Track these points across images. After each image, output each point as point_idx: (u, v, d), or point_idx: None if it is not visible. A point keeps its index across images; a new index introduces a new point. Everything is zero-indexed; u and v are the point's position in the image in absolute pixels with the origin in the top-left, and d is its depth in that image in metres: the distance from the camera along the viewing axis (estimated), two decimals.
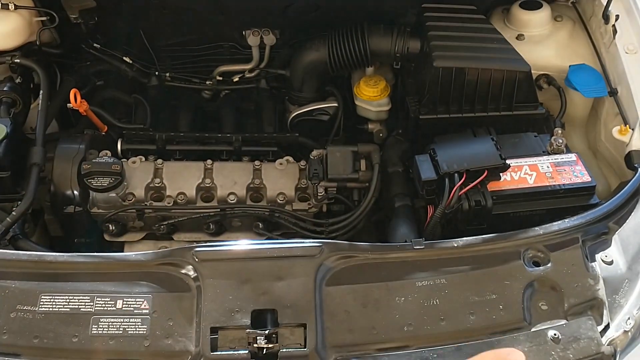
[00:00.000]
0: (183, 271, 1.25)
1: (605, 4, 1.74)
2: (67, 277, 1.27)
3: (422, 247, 1.30)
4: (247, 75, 2.08)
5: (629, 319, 1.21)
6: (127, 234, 1.71)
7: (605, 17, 1.74)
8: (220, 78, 2.09)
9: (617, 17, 1.72)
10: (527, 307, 1.23)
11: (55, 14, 1.77)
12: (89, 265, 1.28)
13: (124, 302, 1.23)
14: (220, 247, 1.31)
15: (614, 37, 1.71)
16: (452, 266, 1.29)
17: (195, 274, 1.24)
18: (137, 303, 1.23)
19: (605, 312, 1.23)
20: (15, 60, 1.74)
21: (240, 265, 1.26)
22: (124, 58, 1.99)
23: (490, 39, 1.71)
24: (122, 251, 1.69)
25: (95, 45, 1.97)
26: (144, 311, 1.22)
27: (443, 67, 1.63)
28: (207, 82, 2.07)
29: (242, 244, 1.33)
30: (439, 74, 1.64)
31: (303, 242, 1.32)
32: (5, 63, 1.75)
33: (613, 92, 1.67)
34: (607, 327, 1.22)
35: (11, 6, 1.71)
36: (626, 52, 1.68)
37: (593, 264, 1.29)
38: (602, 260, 1.30)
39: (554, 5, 1.91)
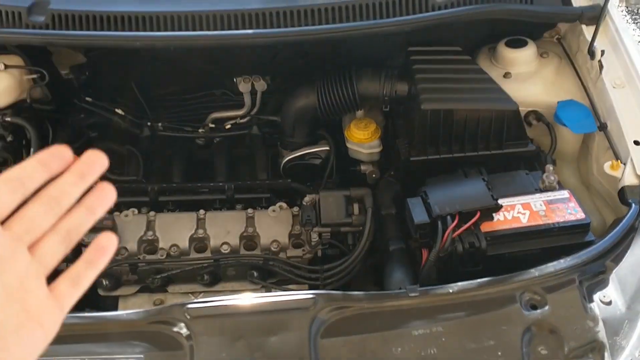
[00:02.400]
0: (175, 329, 1.23)
1: (590, 39, 1.75)
2: (57, 339, 1.24)
3: (416, 294, 1.28)
4: (239, 122, 2.09)
5: None
6: (122, 288, 1.70)
7: (591, 53, 1.76)
8: (213, 125, 2.10)
9: (603, 52, 1.73)
10: (527, 353, 1.21)
11: (45, 72, 1.78)
12: (79, 327, 1.26)
13: None
14: (212, 302, 1.29)
15: (601, 72, 1.72)
16: (448, 313, 1.27)
17: (188, 332, 1.22)
18: None
19: (606, 354, 1.21)
20: (6, 119, 1.75)
21: (233, 321, 1.24)
22: (116, 110, 2.00)
23: (477, 79, 1.72)
24: (117, 305, 1.67)
25: (87, 99, 1.98)
26: None
27: (431, 109, 1.64)
28: (200, 130, 2.08)
29: (235, 299, 1.31)
30: (427, 116, 1.65)
31: (296, 295, 1.30)
32: None
33: (602, 127, 1.67)
34: None
35: (1, 66, 1.73)
36: (614, 87, 1.69)
37: (591, 304, 1.27)
38: (601, 301, 1.28)
39: (539, 42, 1.93)
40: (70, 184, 0.56)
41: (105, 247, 0.58)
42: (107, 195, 0.59)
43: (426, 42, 1.79)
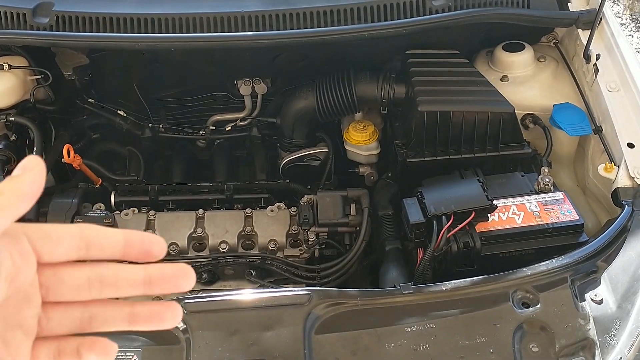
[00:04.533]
0: None
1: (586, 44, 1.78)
2: None
3: (410, 291, 1.30)
4: (240, 124, 2.12)
5: (621, 358, 1.20)
6: None
7: (587, 57, 1.77)
8: (214, 127, 2.12)
9: (598, 56, 1.76)
10: (518, 350, 1.22)
11: (49, 73, 1.81)
12: None
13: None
14: (208, 298, 1.31)
15: (596, 76, 1.74)
16: (441, 310, 1.29)
17: (185, 326, 1.24)
18: (127, 357, 1.23)
19: (597, 352, 1.22)
20: (10, 119, 1.78)
21: (229, 315, 1.26)
22: (118, 111, 2.03)
23: (474, 82, 1.74)
24: None
25: (89, 100, 2.01)
26: None
27: (427, 111, 1.66)
28: (201, 132, 2.11)
29: (231, 294, 1.33)
30: (423, 118, 1.67)
31: (291, 291, 1.32)
32: (0, 122, 1.79)
33: (598, 130, 1.69)
34: None
35: (5, 66, 1.76)
36: (609, 90, 1.71)
37: (583, 303, 1.28)
38: (592, 300, 1.29)
39: (536, 46, 1.95)
40: (132, 281, 0.49)
41: (103, 352, 0.50)
42: (163, 321, 0.50)
43: (424, 45, 1.82)
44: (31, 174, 0.46)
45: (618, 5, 4.65)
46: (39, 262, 0.47)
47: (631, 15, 4.63)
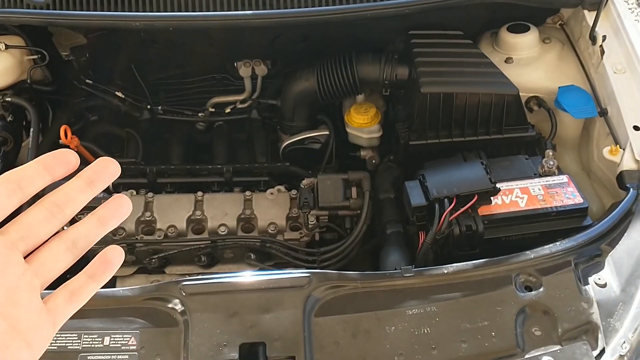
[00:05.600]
0: (170, 305, 1.24)
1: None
2: None
3: (411, 274, 1.28)
4: (239, 106, 2.09)
5: (624, 342, 1.19)
6: (119, 269, 1.70)
7: (593, 38, 1.74)
8: (213, 109, 2.10)
9: (604, 37, 1.72)
10: (520, 333, 1.20)
11: (46, 53, 1.79)
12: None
13: (112, 339, 1.22)
14: (207, 280, 1.30)
15: (602, 58, 1.70)
16: (443, 293, 1.27)
17: (183, 308, 1.23)
18: (125, 339, 1.21)
19: (600, 336, 1.20)
20: (7, 99, 1.76)
21: (228, 298, 1.25)
22: (117, 93, 2.01)
23: (478, 64, 1.71)
24: (114, 285, 1.68)
25: (87, 81, 1.99)
26: (132, 347, 1.20)
27: (430, 92, 1.64)
28: (200, 114, 2.08)
29: (230, 276, 1.31)
30: (426, 100, 1.64)
31: (291, 273, 1.30)
32: None
33: (603, 113, 1.66)
34: (602, 351, 1.19)
35: (2, 46, 1.73)
36: (614, 72, 1.67)
37: (586, 287, 1.27)
38: (596, 283, 1.27)
39: (542, 27, 1.92)
40: (76, 190, 0.52)
41: (111, 261, 0.54)
42: (122, 207, 0.55)
43: (427, 25, 1.78)
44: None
45: None
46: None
47: (637, 0, 4.57)
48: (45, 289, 0.51)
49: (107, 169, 0.53)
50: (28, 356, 0.48)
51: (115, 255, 0.54)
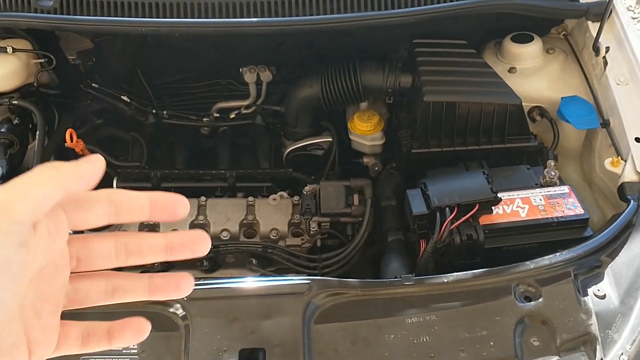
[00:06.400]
0: (171, 310, 1.25)
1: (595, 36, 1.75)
2: None
3: (411, 283, 1.29)
4: (244, 112, 2.11)
5: (622, 354, 1.19)
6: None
7: (596, 49, 1.75)
8: (218, 115, 2.11)
9: (608, 48, 1.73)
10: (519, 343, 1.21)
11: (52, 56, 1.80)
12: None
13: None
14: (208, 285, 1.31)
15: (605, 69, 1.71)
16: (442, 302, 1.28)
17: (184, 313, 1.24)
18: None
19: (598, 347, 1.21)
20: (13, 102, 1.77)
21: (229, 303, 1.26)
22: (122, 97, 2.02)
23: (481, 73, 1.72)
24: None
25: (93, 85, 2.00)
26: (133, 351, 1.21)
27: (433, 101, 1.64)
28: (205, 119, 2.10)
29: (231, 282, 1.32)
30: (429, 109, 1.65)
31: (291, 280, 1.31)
32: (4, 105, 1.78)
33: (605, 124, 1.67)
34: None
35: (9, 49, 1.75)
36: (617, 84, 1.68)
37: (585, 298, 1.27)
38: (595, 295, 1.28)
39: (546, 37, 1.93)
40: (153, 248, 0.51)
41: (134, 333, 0.53)
42: (179, 290, 0.53)
43: (431, 34, 1.79)
44: (92, 163, 0.48)
45: None
46: (74, 230, 0.48)
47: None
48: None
49: (196, 245, 0.53)
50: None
51: (141, 329, 0.53)
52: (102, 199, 0.49)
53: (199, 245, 0.53)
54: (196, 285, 1.28)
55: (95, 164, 0.48)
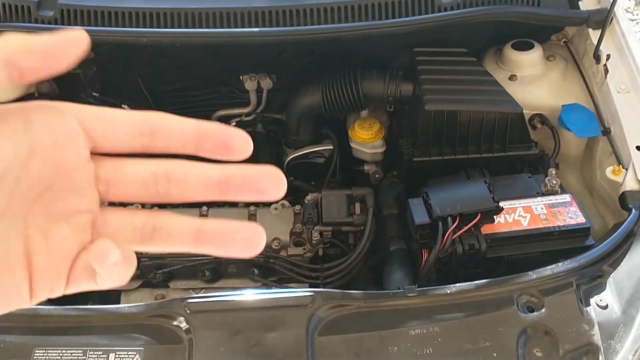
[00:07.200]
0: (175, 323, 1.25)
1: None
2: (60, 331, 1.27)
3: (415, 294, 1.29)
4: (244, 120, 2.11)
5: None
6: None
7: (597, 57, 1.75)
8: (218, 122, 2.10)
9: (609, 56, 1.73)
10: (522, 354, 1.21)
11: None
12: (81, 319, 1.29)
13: (116, 355, 1.23)
14: (211, 298, 1.31)
15: (606, 77, 1.72)
16: (445, 313, 1.28)
17: (187, 326, 1.24)
18: (129, 356, 1.23)
19: (601, 358, 1.21)
20: None
21: (232, 316, 1.26)
22: (123, 106, 2.02)
23: (482, 81, 1.72)
24: (119, 299, 1.69)
25: (94, 94, 2.00)
26: None
27: (434, 110, 1.65)
28: None
29: (234, 294, 1.33)
30: (430, 117, 1.65)
31: (295, 292, 1.32)
32: None
33: (606, 132, 1.67)
34: None
35: None
36: (618, 92, 1.68)
37: (588, 308, 1.27)
38: (597, 305, 1.28)
39: (546, 44, 1.93)
40: (204, 180, 0.40)
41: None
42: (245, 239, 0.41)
43: (432, 43, 1.80)
44: (59, 35, 0.38)
45: (629, 0, 4.59)
46: (96, 151, 0.39)
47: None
48: None
49: (262, 183, 0.41)
50: (25, 290, 0.38)
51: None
52: (134, 116, 0.40)
53: (269, 183, 0.41)
54: (199, 297, 1.29)
55: (65, 37, 0.38)
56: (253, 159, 0.39)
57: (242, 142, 0.41)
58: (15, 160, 0.36)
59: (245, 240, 0.41)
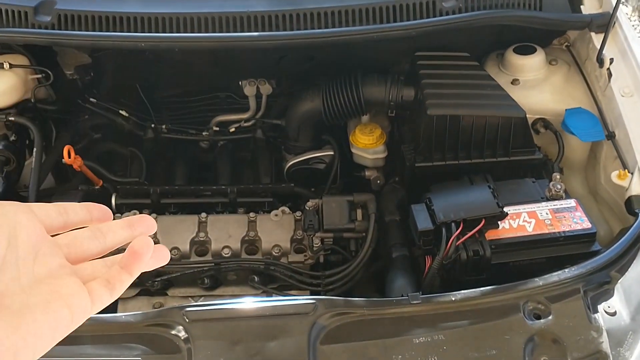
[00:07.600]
0: (173, 332, 1.22)
1: (599, 47, 1.73)
2: None
3: (418, 301, 1.26)
4: (244, 125, 2.08)
5: None
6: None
7: (600, 61, 1.73)
8: (217, 128, 2.08)
9: (612, 60, 1.71)
10: None
11: (50, 72, 1.78)
12: (78, 328, 1.25)
13: None
14: (211, 306, 1.28)
15: (609, 81, 1.70)
16: (450, 321, 1.25)
17: (186, 335, 1.21)
18: None
19: None
20: (10, 118, 1.75)
21: (232, 325, 1.23)
22: (120, 111, 2.00)
23: (484, 85, 1.70)
24: (116, 308, 1.66)
25: (91, 99, 1.98)
26: None
27: (437, 115, 1.62)
28: (204, 133, 2.07)
29: (234, 303, 1.30)
30: (433, 122, 1.63)
31: (296, 300, 1.29)
32: (0, 121, 1.76)
33: (610, 136, 1.65)
34: None
35: (6, 65, 1.73)
36: (622, 95, 1.66)
37: (596, 315, 1.25)
38: (605, 311, 1.25)
39: (548, 49, 1.91)
40: (118, 225, 0.58)
41: (139, 252, 0.56)
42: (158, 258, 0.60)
43: (434, 47, 1.78)
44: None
45: (626, 6, 4.59)
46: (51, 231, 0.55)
47: None
48: None
49: (148, 220, 0.60)
50: (67, 316, 0.50)
51: (142, 246, 0.56)
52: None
53: (146, 219, 0.60)
54: (198, 306, 1.26)
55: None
56: (254, 165, 0.38)
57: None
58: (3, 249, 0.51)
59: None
